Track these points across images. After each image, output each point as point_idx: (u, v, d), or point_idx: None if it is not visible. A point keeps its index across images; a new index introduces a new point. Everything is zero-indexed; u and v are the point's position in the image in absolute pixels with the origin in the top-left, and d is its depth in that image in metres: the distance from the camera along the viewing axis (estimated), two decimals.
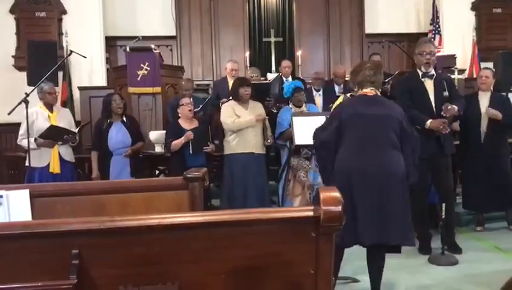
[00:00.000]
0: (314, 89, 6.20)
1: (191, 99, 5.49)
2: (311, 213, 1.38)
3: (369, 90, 3.14)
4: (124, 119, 5.00)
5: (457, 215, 4.99)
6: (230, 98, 5.10)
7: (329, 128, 3.13)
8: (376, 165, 2.94)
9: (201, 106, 5.52)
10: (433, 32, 8.28)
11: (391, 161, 2.99)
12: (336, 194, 1.36)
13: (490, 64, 6.91)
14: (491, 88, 5.00)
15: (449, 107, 4.05)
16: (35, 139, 4.75)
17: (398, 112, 3.16)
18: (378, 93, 3.20)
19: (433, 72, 4.27)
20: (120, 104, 4.93)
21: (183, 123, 4.84)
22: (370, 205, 2.90)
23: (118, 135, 4.90)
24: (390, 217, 2.90)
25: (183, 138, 4.66)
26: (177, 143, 4.68)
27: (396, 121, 3.06)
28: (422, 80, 4.21)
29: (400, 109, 3.27)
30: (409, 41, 9.05)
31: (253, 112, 4.77)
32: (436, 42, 8.16)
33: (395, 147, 3.03)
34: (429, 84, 4.23)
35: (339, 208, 1.34)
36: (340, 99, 4.63)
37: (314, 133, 3.26)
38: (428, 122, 4.09)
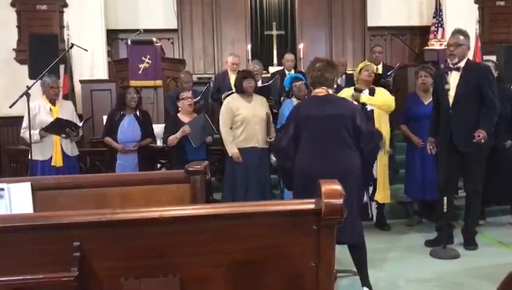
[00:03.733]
0: None
1: (190, 92, 5.49)
2: (312, 206, 1.37)
3: (320, 90, 3.17)
4: (138, 113, 5.00)
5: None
6: (232, 91, 5.08)
7: (286, 134, 3.20)
8: (330, 166, 2.96)
9: (199, 97, 5.50)
10: (436, 25, 8.24)
11: (344, 161, 3.02)
12: (337, 187, 1.36)
13: (493, 58, 6.90)
14: None
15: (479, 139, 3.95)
16: (40, 131, 4.74)
17: (350, 110, 3.17)
18: (330, 92, 3.22)
19: (460, 63, 4.07)
20: (135, 98, 4.93)
21: (183, 117, 4.82)
22: None
23: (128, 128, 4.90)
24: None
25: (179, 132, 4.65)
26: (173, 138, 4.67)
27: (348, 120, 3.07)
28: (448, 72, 4.08)
29: (353, 106, 3.31)
30: (412, 34, 9.04)
31: (256, 106, 4.75)
32: (439, 35, 8.14)
33: (349, 145, 3.05)
34: (454, 77, 4.08)
35: (340, 201, 1.33)
36: (344, 93, 4.63)
37: (275, 139, 3.31)
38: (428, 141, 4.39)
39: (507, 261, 3.76)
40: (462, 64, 4.09)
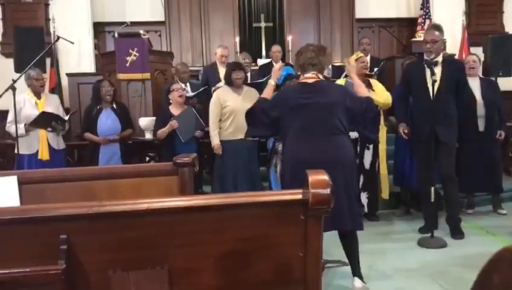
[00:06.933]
0: None
1: (187, 84, 5.47)
2: (299, 196, 1.38)
3: (310, 75, 3.10)
4: (114, 105, 4.95)
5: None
6: (221, 83, 5.06)
7: (268, 114, 3.13)
8: (322, 154, 2.93)
9: (195, 93, 5.48)
10: (424, 16, 8.26)
11: (337, 148, 3.00)
12: (325, 177, 1.37)
13: (480, 49, 6.95)
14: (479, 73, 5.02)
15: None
16: (26, 125, 4.70)
17: (341, 96, 3.09)
18: (321, 77, 3.15)
19: (437, 58, 4.20)
20: (110, 91, 4.87)
21: (174, 109, 4.80)
22: None
23: (107, 122, 4.85)
24: (339, 203, 2.87)
25: (167, 126, 4.64)
26: (161, 132, 4.67)
27: (340, 106, 3.03)
28: (426, 67, 4.17)
29: (343, 90, 3.27)
30: (399, 26, 9.05)
31: (246, 98, 4.73)
32: (426, 27, 8.16)
33: (341, 132, 3.03)
34: (437, 70, 4.16)
35: (328, 191, 1.34)
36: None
37: (257, 104, 3.24)
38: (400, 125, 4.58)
39: (493, 250, 3.78)
40: (439, 58, 4.24)
